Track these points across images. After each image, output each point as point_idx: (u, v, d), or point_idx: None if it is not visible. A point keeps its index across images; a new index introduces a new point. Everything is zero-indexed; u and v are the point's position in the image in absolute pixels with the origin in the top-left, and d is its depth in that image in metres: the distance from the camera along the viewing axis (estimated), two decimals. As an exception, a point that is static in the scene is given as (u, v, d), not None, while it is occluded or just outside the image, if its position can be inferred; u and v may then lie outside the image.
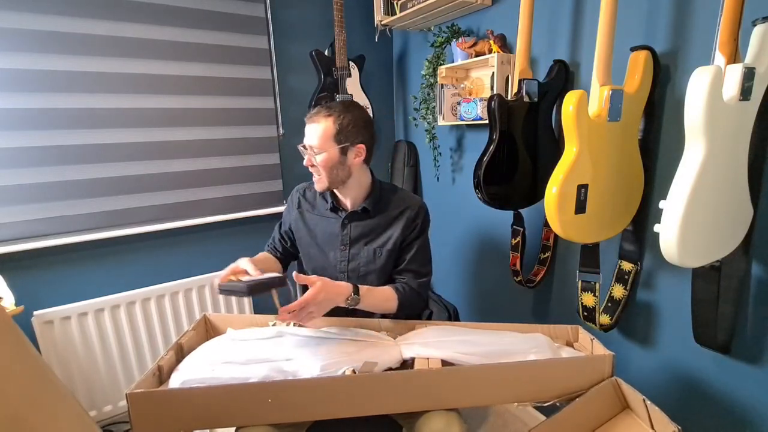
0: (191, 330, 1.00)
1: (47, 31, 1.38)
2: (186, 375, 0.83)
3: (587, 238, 1.08)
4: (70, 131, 1.45)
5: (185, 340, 0.96)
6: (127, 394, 0.74)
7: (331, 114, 1.04)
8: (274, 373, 0.82)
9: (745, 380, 1.00)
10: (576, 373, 0.82)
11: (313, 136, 1.04)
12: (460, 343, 0.93)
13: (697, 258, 0.85)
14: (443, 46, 1.61)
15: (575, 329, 1.00)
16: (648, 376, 1.20)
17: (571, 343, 0.99)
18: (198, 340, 1.01)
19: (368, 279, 1.13)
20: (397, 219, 1.13)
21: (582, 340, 0.98)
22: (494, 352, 0.90)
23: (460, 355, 0.88)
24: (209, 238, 1.80)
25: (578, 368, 0.83)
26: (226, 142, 1.74)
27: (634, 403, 0.82)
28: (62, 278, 1.51)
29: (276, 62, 1.81)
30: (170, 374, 0.86)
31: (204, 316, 1.07)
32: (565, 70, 1.25)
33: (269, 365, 0.84)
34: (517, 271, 1.47)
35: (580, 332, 0.99)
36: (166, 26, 1.56)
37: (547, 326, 1.01)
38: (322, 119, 1.04)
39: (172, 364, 0.89)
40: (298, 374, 0.83)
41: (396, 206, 1.14)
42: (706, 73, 0.73)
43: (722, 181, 0.81)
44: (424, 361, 0.87)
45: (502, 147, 1.23)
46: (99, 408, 1.55)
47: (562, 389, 0.82)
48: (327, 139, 1.03)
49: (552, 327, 1.00)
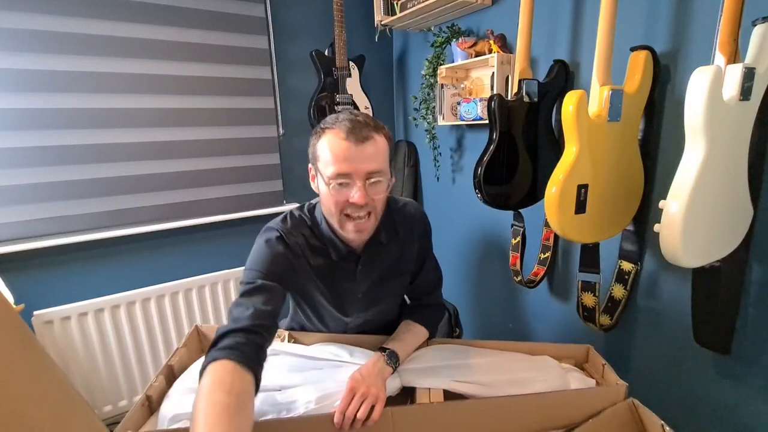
0: (182, 347, 0.92)
1: (47, 31, 1.38)
2: (176, 407, 0.74)
3: (587, 238, 1.08)
4: (70, 131, 1.45)
5: (176, 360, 0.88)
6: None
7: (380, 129, 0.82)
8: (266, 406, 0.75)
9: (745, 381, 1.00)
10: (587, 405, 0.79)
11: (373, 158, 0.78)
12: (463, 368, 0.86)
13: (697, 258, 0.84)
14: (443, 46, 1.61)
15: (586, 349, 0.96)
16: (648, 376, 1.20)
17: (581, 364, 0.96)
18: (190, 356, 0.94)
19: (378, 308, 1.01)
20: (410, 241, 0.97)
21: (592, 361, 0.95)
22: (499, 381, 0.84)
23: (462, 385, 0.82)
24: (209, 238, 1.80)
25: (589, 400, 0.79)
26: (226, 142, 1.74)
27: (651, 427, 0.76)
28: (62, 278, 1.51)
29: (276, 62, 1.81)
30: (160, 402, 0.79)
31: (195, 328, 1.01)
32: (565, 70, 1.25)
33: (262, 396, 0.75)
34: (517, 271, 1.47)
35: (590, 353, 0.96)
36: (166, 26, 1.56)
37: (556, 345, 0.97)
38: (376, 135, 0.80)
39: (163, 390, 0.82)
40: (292, 407, 0.75)
41: (402, 224, 0.96)
42: (706, 73, 0.73)
43: (722, 181, 0.81)
44: (425, 393, 0.82)
45: (502, 147, 1.23)
46: (99, 408, 1.55)
47: (571, 420, 0.79)
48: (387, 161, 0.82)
49: (561, 346, 0.97)
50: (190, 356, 0.94)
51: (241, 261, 1.86)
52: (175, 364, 0.88)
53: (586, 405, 0.79)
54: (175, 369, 0.88)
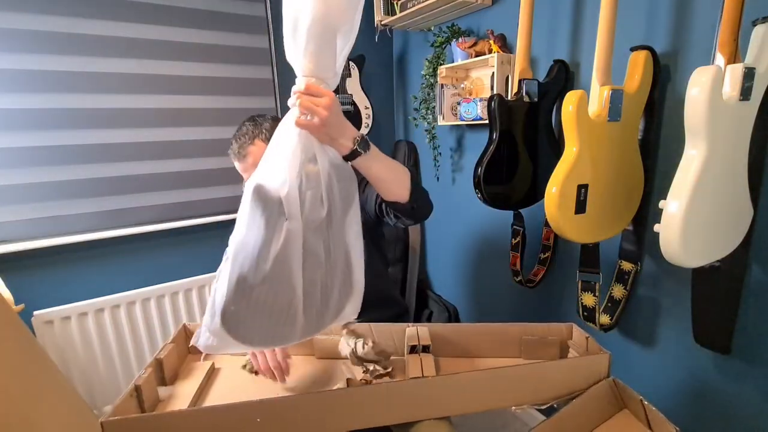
0: (170, 343, 0.95)
1: (47, 31, 1.38)
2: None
3: (587, 238, 1.08)
4: (70, 131, 1.45)
5: (164, 354, 0.91)
6: (102, 422, 0.68)
7: (258, 135, 1.00)
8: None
9: (745, 380, 1.00)
10: (573, 374, 0.82)
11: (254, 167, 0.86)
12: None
13: (697, 258, 0.84)
14: (443, 46, 1.61)
15: (569, 327, 0.99)
16: (648, 376, 1.20)
17: (565, 342, 0.99)
18: (179, 352, 0.97)
19: None
20: None
21: (576, 338, 0.97)
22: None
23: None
24: (209, 238, 1.80)
25: (575, 369, 0.82)
26: (226, 143, 1.73)
27: (631, 403, 0.81)
28: (62, 278, 1.51)
29: (276, 62, 1.81)
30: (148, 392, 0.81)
31: (183, 326, 1.03)
32: (565, 70, 1.25)
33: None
34: (517, 271, 1.47)
35: (574, 330, 0.98)
36: (166, 26, 1.56)
37: (540, 324, 0.99)
38: (251, 148, 1.00)
39: (152, 382, 0.84)
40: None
41: None
42: (706, 73, 0.73)
43: (722, 181, 0.81)
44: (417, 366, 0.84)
45: (502, 147, 1.23)
46: (99, 408, 1.55)
47: (559, 391, 0.81)
48: None
49: (546, 325, 0.99)
50: (178, 352, 0.98)
51: (241, 261, 1.86)
52: (163, 358, 0.91)
53: (574, 374, 0.82)
54: (164, 364, 0.90)
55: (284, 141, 0.70)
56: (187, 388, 0.89)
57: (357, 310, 0.84)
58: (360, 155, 0.75)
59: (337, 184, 0.74)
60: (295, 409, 0.74)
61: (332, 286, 0.78)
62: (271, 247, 0.69)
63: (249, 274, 0.69)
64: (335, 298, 0.79)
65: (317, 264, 0.74)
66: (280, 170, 0.69)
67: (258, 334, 0.74)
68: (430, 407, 0.79)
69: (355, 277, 0.81)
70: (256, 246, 0.69)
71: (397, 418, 0.78)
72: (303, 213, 0.71)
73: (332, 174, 0.73)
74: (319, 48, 0.65)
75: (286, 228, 0.70)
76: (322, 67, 0.67)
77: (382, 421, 0.78)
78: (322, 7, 0.62)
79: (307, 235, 0.72)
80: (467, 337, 1.00)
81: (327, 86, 0.70)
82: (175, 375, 0.95)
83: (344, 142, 0.74)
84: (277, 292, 0.71)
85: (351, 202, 0.77)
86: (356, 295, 0.82)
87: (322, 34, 0.64)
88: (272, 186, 0.69)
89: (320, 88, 0.69)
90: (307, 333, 0.79)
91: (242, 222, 0.70)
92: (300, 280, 0.72)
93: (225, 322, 0.71)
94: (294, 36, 0.66)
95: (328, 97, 0.69)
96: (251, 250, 0.69)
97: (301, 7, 0.63)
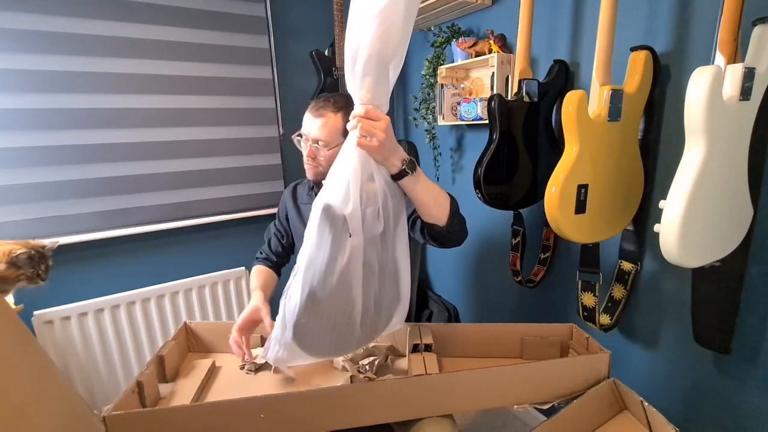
0: (172, 340, 0.97)
1: (47, 32, 1.38)
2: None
3: (587, 238, 1.08)
4: (70, 131, 1.45)
5: (166, 351, 0.92)
6: (104, 417, 0.69)
7: (339, 110, 1.03)
8: None
9: (745, 380, 1.00)
10: (573, 373, 0.82)
11: (320, 131, 1.02)
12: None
13: (697, 258, 0.84)
14: (443, 46, 1.61)
15: (569, 327, 1.00)
16: (648, 376, 1.20)
17: (566, 342, 0.99)
18: (180, 349, 0.99)
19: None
20: None
21: (576, 339, 0.98)
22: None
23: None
24: (209, 238, 1.80)
25: (575, 368, 0.83)
26: (226, 142, 1.74)
27: (631, 404, 0.82)
28: (62, 278, 1.51)
29: (276, 62, 1.81)
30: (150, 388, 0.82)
31: (184, 324, 1.05)
32: (565, 70, 1.25)
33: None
34: (517, 271, 1.47)
35: (574, 330, 0.99)
36: (166, 26, 1.56)
37: (541, 325, 1.00)
38: (330, 114, 1.02)
39: (153, 379, 0.85)
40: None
41: None
42: (706, 73, 0.73)
43: (722, 181, 0.81)
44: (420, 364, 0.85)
45: (502, 147, 1.23)
46: (99, 408, 1.55)
47: (560, 390, 0.82)
48: (336, 135, 1.02)
49: (547, 326, 1.00)
50: (180, 350, 0.99)
51: (241, 261, 1.87)
52: (165, 355, 0.92)
53: (574, 374, 0.83)
54: (166, 360, 0.92)
55: (346, 162, 0.75)
56: (188, 385, 0.90)
57: (403, 318, 0.90)
58: (407, 175, 0.81)
59: (391, 200, 0.80)
60: (297, 405, 0.75)
61: (384, 297, 0.83)
62: (336, 262, 0.75)
63: (318, 288, 0.75)
64: (386, 308, 0.85)
65: (372, 276, 0.80)
66: (343, 189, 0.74)
67: (322, 345, 0.81)
68: (432, 405, 0.79)
69: (402, 288, 0.87)
70: (324, 261, 0.75)
71: (400, 415, 0.78)
72: (364, 229, 0.76)
73: (387, 191, 0.80)
74: (375, 80, 0.72)
75: (350, 244, 0.75)
76: (377, 96, 0.74)
77: (385, 418, 0.79)
78: (377, 44, 0.69)
79: (366, 250, 0.78)
80: (468, 337, 1.00)
81: (382, 111, 0.76)
82: (176, 372, 0.95)
83: (395, 161, 0.79)
84: (340, 305, 0.78)
85: (400, 217, 0.83)
86: (403, 305, 0.88)
87: (377, 68, 0.71)
88: (337, 204, 0.74)
89: (378, 113, 0.75)
90: (362, 342, 0.85)
91: (311, 239, 0.75)
92: (360, 293, 0.79)
93: (296, 334, 0.78)
94: (353, 69, 0.73)
95: (384, 121, 0.75)
96: (320, 265, 0.75)
97: (359, 44, 0.70)
